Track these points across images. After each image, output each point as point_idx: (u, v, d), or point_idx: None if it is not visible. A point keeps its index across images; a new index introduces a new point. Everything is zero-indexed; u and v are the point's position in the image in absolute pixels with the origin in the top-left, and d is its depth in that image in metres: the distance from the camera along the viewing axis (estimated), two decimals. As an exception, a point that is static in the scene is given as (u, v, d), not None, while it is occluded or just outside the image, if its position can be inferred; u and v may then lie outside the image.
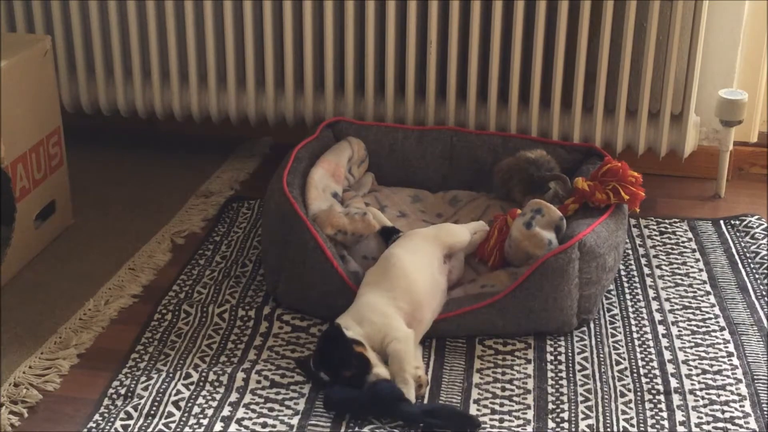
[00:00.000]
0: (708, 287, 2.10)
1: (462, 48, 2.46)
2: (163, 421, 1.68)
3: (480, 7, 2.39)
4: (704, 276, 2.14)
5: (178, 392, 1.75)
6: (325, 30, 2.48)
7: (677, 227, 2.34)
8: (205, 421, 1.68)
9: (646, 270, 2.16)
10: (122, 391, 1.75)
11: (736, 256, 2.21)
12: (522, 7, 2.37)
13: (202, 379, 1.78)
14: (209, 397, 1.74)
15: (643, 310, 2.01)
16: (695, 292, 2.08)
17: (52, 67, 2.22)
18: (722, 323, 1.97)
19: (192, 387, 1.76)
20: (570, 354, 1.87)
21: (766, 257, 2.19)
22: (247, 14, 2.48)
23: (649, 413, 1.71)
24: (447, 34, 2.44)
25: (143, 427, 1.66)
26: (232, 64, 2.54)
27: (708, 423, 1.68)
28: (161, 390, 1.75)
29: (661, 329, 1.95)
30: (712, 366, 1.83)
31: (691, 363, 1.84)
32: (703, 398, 1.74)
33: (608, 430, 1.67)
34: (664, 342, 1.90)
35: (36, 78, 2.16)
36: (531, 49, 2.43)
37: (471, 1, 2.38)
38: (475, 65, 2.45)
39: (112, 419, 1.68)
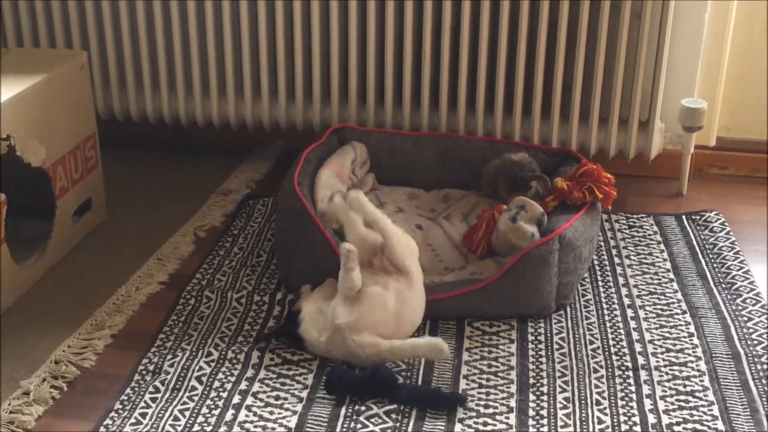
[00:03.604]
0: (671, 275, 2.10)
1: (453, 63, 2.46)
2: (187, 394, 1.68)
3: (469, 28, 2.39)
4: (668, 265, 2.14)
5: (201, 368, 1.75)
6: (331, 46, 2.48)
7: (644, 222, 2.34)
8: (224, 394, 1.68)
9: (617, 260, 2.16)
10: (151, 368, 1.75)
11: (697, 248, 2.21)
12: (506, 29, 2.38)
13: (222, 356, 1.78)
14: (228, 373, 1.74)
15: (614, 296, 2.01)
16: (660, 279, 2.08)
17: (88, 79, 2.22)
18: (684, 307, 1.97)
19: (213, 364, 1.76)
20: (549, 334, 1.87)
21: (723, 248, 2.19)
22: (262, 33, 2.48)
23: (618, 387, 1.71)
24: (439, 50, 2.44)
25: (170, 400, 1.66)
26: (248, 77, 2.54)
27: (671, 396, 1.68)
28: (185, 366, 1.75)
29: (629, 312, 1.95)
30: (674, 345, 1.83)
31: (656, 342, 1.84)
32: (666, 374, 1.75)
33: (582, 402, 1.67)
34: (632, 324, 1.91)
35: (74, 89, 2.16)
36: (514, 64, 2.43)
37: (461, 23, 2.39)
38: (465, 77, 2.45)
39: (141, 393, 1.68)
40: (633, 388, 1.70)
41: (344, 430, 1.59)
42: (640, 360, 1.78)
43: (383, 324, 1.75)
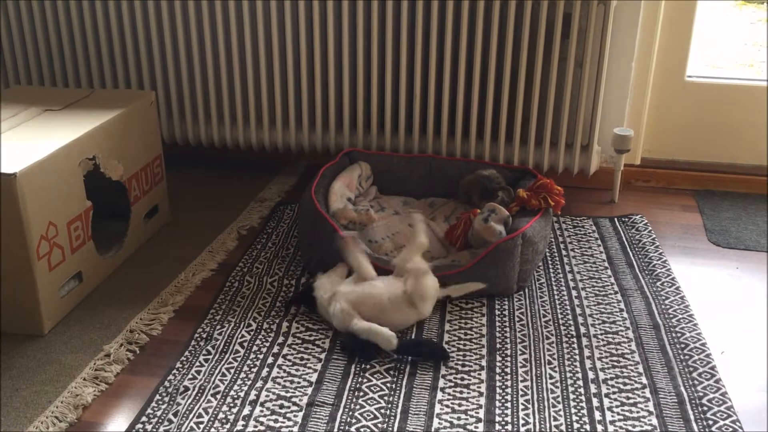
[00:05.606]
0: (606, 264, 2.10)
1: (437, 101, 2.46)
2: (232, 356, 1.68)
3: (449, 75, 2.39)
4: (603, 256, 2.14)
5: (243, 336, 1.75)
6: (343, 90, 2.48)
7: (585, 223, 2.34)
8: (261, 356, 1.68)
9: (564, 252, 2.16)
10: (204, 336, 1.75)
11: (626, 243, 2.21)
12: (478, 76, 2.38)
13: (259, 327, 1.78)
14: (264, 340, 1.74)
15: (561, 280, 2.01)
16: (597, 267, 2.08)
17: (155, 112, 2.22)
18: (616, 288, 1.97)
19: (252, 333, 1.76)
20: (512, 309, 1.87)
21: (646, 243, 2.19)
22: (290, 81, 2.48)
23: (565, 350, 1.71)
24: (427, 91, 2.44)
25: (218, 360, 1.66)
26: (279, 111, 2.54)
27: (606, 357, 1.68)
28: (231, 335, 1.75)
29: (573, 293, 1.95)
30: (609, 318, 1.83)
31: (594, 316, 1.84)
32: (603, 340, 1.75)
33: (537, 361, 1.67)
34: (576, 302, 1.90)
35: (144, 120, 2.16)
36: (485, 102, 2.43)
37: (443, 71, 2.39)
38: (446, 112, 2.45)
39: (197, 354, 1.68)
40: (576, 351, 1.70)
41: (353, 382, 1.59)
42: (582, 329, 1.78)
43: (365, 310, 1.71)
